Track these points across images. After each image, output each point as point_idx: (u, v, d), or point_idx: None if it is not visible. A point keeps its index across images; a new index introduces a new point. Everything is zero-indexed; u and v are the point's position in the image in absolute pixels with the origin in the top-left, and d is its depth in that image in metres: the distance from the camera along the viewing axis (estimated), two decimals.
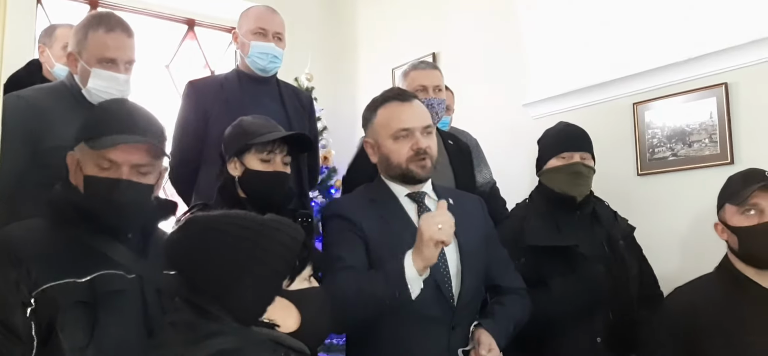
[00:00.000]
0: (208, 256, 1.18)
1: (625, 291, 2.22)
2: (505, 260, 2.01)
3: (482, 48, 3.76)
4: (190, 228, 1.23)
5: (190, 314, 1.17)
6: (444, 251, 1.77)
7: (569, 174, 2.29)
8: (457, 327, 1.77)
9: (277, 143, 1.92)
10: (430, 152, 1.83)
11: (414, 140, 1.81)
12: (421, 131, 1.83)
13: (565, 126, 2.44)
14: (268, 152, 1.91)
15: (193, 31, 4.58)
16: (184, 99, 2.53)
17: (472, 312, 1.84)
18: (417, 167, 1.82)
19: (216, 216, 1.24)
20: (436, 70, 2.68)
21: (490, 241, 1.97)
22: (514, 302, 1.92)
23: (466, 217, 1.88)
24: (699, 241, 2.55)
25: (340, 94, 4.84)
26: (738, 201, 1.80)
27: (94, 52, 2.06)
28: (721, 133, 2.63)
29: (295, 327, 1.24)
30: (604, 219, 2.34)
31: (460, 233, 1.82)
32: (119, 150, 1.49)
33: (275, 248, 1.19)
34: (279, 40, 2.53)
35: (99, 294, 1.42)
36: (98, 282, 1.42)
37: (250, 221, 1.22)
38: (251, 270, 1.16)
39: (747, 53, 2.56)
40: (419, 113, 1.87)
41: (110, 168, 1.49)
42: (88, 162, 1.50)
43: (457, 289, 1.78)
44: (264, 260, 1.17)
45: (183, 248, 1.22)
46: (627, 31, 2.95)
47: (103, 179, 1.48)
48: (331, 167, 4.22)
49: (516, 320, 1.88)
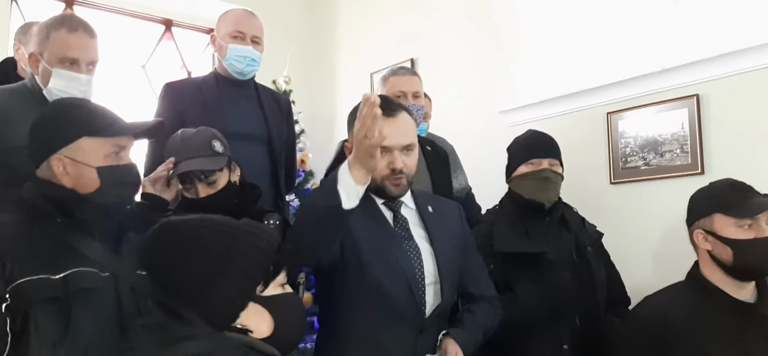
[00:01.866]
0: (181, 260, 1.18)
1: (591, 298, 2.25)
2: (480, 267, 2.01)
3: (460, 55, 3.79)
4: (163, 230, 1.23)
5: (163, 317, 1.17)
6: (421, 257, 1.78)
7: (538, 180, 2.31)
8: (424, 332, 1.76)
9: (189, 175, 1.97)
10: (406, 171, 1.79)
11: (391, 159, 1.77)
12: (400, 149, 1.78)
13: (533, 133, 2.46)
14: (188, 184, 1.99)
15: (171, 32, 4.55)
16: (161, 100, 2.52)
17: (442, 318, 1.84)
18: (391, 184, 1.79)
19: (190, 219, 1.23)
20: (415, 76, 2.69)
21: (467, 248, 1.97)
22: (485, 310, 1.92)
23: (444, 225, 1.88)
24: (670, 249, 2.59)
25: (318, 97, 4.83)
26: (739, 213, 1.81)
27: (56, 52, 2.05)
28: (692, 143, 2.68)
29: (268, 332, 1.23)
30: (572, 225, 2.36)
31: (437, 241, 1.83)
32: (126, 137, 1.57)
33: (249, 253, 1.18)
34: (257, 44, 2.53)
35: (72, 290, 1.41)
36: (72, 278, 1.41)
37: (225, 226, 1.22)
38: (225, 275, 1.16)
39: (718, 66, 2.62)
40: (402, 129, 1.79)
41: (119, 154, 1.54)
42: (95, 154, 1.51)
43: (430, 296, 1.78)
44: (238, 265, 1.17)
45: (156, 251, 1.22)
46: (602, 42, 3.00)
47: (119, 166, 1.54)
48: (308, 170, 4.21)
49: (485, 328, 1.89)
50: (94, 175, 1.50)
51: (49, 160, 1.50)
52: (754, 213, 1.80)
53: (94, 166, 1.50)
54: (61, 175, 1.50)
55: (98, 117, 1.54)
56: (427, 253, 1.81)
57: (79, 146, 1.50)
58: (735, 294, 1.83)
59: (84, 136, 1.50)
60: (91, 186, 1.50)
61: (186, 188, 1.98)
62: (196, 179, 1.96)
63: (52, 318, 1.39)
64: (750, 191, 1.86)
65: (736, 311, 1.81)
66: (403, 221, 1.84)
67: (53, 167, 1.50)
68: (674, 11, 2.73)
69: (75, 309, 1.41)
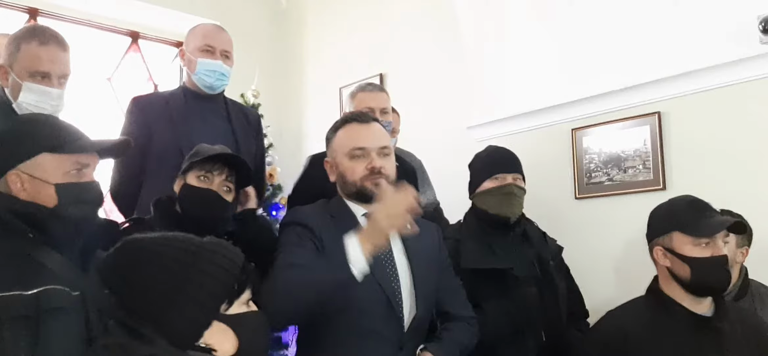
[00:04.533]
0: (142, 278, 1.16)
1: (555, 311, 2.28)
2: (457, 288, 2.03)
3: (428, 71, 3.82)
4: (125, 248, 1.21)
5: (124, 336, 1.14)
6: (397, 272, 1.81)
7: (503, 195, 2.33)
8: (404, 347, 1.78)
9: (217, 166, 1.92)
10: (384, 171, 1.85)
11: (369, 160, 1.84)
12: (377, 151, 1.86)
13: (495, 149, 2.49)
14: (207, 172, 1.91)
15: (137, 44, 4.51)
16: (128, 115, 2.48)
17: (420, 335, 1.86)
18: (371, 184, 1.83)
19: (152, 237, 1.22)
20: (383, 92, 2.71)
21: (444, 268, 2.01)
22: (462, 329, 1.95)
23: (421, 243, 1.91)
24: (632, 263, 2.63)
25: (286, 111, 4.83)
26: (696, 233, 1.84)
27: (26, 65, 2.00)
28: (654, 159, 2.74)
29: (232, 351, 1.21)
30: (534, 240, 2.39)
31: (414, 258, 1.86)
32: (89, 154, 1.53)
33: (213, 271, 1.17)
34: (226, 58, 2.50)
35: (43, 309, 1.37)
36: (43, 296, 1.37)
37: (187, 243, 1.20)
38: (187, 293, 1.14)
39: (679, 84, 2.69)
40: (377, 134, 1.91)
41: (80, 171, 1.50)
42: (54, 171, 1.47)
43: (408, 310, 1.81)
44: (201, 283, 1.15)
45: (117, 268, 1.20)
46: (567, 60, 3.06)
47: (78, 183, 1.50)
48: (276, 184, 4.19)
49: (462, 346, 1.91)
50: (52, 191, 1.47)
51: (7, 175, 1.47)
52: (712, 233, 1.83)
53: (52, 183, 1.47)
54: (18, 191, 1.47)
55: (61, 133, 1.51)
56: (403, 266, 1.84)
57: (37, 162, 1.47)
58: (693, 308, 1.87)
59: (43, 152, 1.48)
60: (49, 203, 1.47)
61: (202, 177, 1.91)
62: (218, 173, 1.92)
63: (20, 337, 1.34)
64: (708, 209, 1.89)
65: (694, 325, 1.84)
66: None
67: (10, 183, 1.47)
68: (637, 31, 2.80)
69: (44, 329, 1.37)
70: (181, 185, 1.94)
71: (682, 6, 2.67)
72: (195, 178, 1.91)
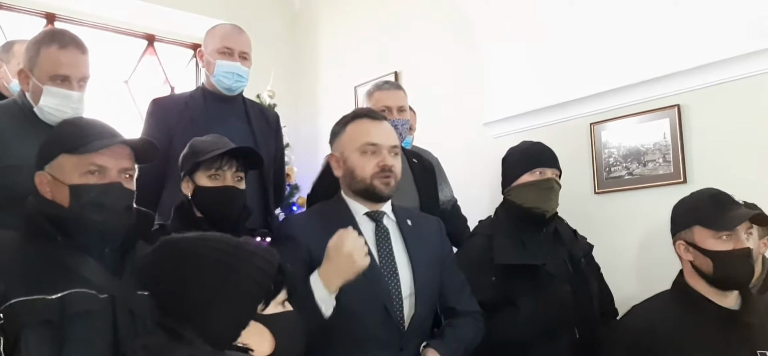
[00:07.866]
0: (181, 279, 1.17)
1: (589, 310, 2.26)
2: (461, 283, 2.00)
3: (443, 68, 3.82)
4: (164, 250, 1.22)
5: (163, 337, 1.16)
6: (397, 271, 1.80)
7: (543, 190, 2.30)
8: (405, 348, 1.77)
9: (226, 160, 1.92)
10: (394, 171, 1.85)
11: (381, 157, 1.83)
12: (388, 149, 1.85)
13: (533, 144, 2.46)
14: (216, 169, 1.91)
15: (153, 47, 4.54)
16: (148, 117, 2.50)
17: (421, 335, 1.84)
18: (381, 183, 1.83)
19: (191, 238, 1.23)
20: (400, 90, 2.70)
21: (446, 264, 1.98)
22: (466, 324, 1.93)
23: (422, 239, 1.90)
24: (653, 257, 2.63)
25: (302, 111, 4.84)
26: (717, 226, 1.83)
27: (47, 69, 2.01)
28: (674, 153, 2.73)
29: (269, 351, 1.23)
30: (565, 238, 2.37)
31: (415, 256, 1.85)
32: (108, 154, 1.46)
33: (250, 272, 1.18)
34: (245, 60, 2.51)
35: (68, 313, 1.37)
36: (68, 300, 1.37)
37: (226, 244, 1.21)
38: (225, 294, 1.16)
39: (698, 76, 2.67)
40: (388, 133, 1.89)
41: (97, 173, 1.45)
42: (71, 173, 1.44)
43: (408, 312, 1.79)
44: (239, 284, 1.17)
45: (156, 270, 1.21)
46: (584, 54, 3.04)
47: (94, 185, 1.44)
48: (293, 184, 4.20)
49: (466, 342, 1.89)
50: (67, 193, 1.44)
51: (36, 175, 1.48)
52: (732, 226, 1.82)
53: (67, 183, 1.44)
54: (43, 193, 1.47)
55: (80, 133, 1.48)
56: (404, 265, 1.83)
57: (58, 163, 1.47)
58: (719, 302, 1.86)
59: (63, 153, 1.46)
60: (65, 204, 1.44)
61: (213, 176, 1.91)
62: (228, 167, 1.92)
63: (44, 341, 1.35)
64: (729, 202, 1.89)
65: (721, 319, 1.84)
66: (385, 231, 1.86)
67: (37, 184, 1.48)
68: (655, 23, 2.78)
69: (69, 333, 1.37)
70: (191, 188, 1.93)
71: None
72: (206, 178, 1.91)
